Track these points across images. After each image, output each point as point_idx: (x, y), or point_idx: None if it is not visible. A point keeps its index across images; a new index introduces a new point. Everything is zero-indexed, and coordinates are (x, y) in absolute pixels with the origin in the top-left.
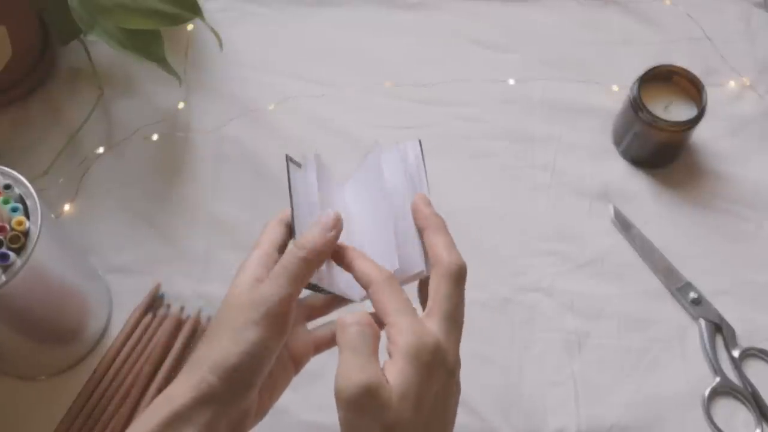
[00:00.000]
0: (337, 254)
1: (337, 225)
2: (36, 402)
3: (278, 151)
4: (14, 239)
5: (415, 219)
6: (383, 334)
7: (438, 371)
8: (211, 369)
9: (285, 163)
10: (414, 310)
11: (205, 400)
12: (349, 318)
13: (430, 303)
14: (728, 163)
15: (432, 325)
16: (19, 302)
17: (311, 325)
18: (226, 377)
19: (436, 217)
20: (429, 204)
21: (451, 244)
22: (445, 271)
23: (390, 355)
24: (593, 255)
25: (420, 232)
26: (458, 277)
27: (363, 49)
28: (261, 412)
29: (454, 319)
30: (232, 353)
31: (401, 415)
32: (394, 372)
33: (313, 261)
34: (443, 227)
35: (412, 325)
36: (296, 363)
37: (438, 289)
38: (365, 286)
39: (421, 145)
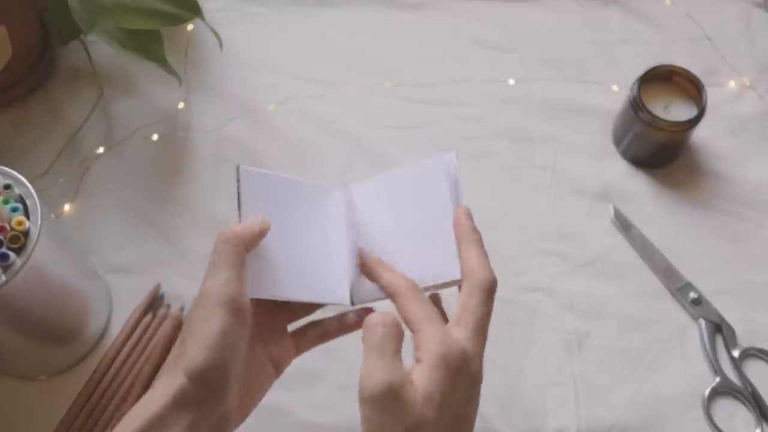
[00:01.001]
0: (363, 265)
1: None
2: (36, 402)
3: (278, 151)
4: (14, 239)
5: (455, 230)
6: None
7: (464, 378)
8: (183, 372)
9: (236, 173)
10: (440, 318)
11: (181, 404)
12: (374, 318)
13: (459, 311)
14: (728, 163)
15: (459, 334)
16: (20, 302)
17: (291, 327)
18: (197, 378)
19: (475, 231)
20: (470, 218)
21: (485, 259)
22: (477, 283)
23: (418, 360)
24: (593, 255)
25: (457, 242)
26: (489, 290)
27: (363, 49)
28: (242, 414)
29: (481, 330)
30: (198, 354)
31: (424, 416)
32: (422, 376)
33: (237, 244)
34: (480, 242)
35: (440, 333)
36: (277, 366)
37: (468, 299)
38: (392, 296)
39: (457, 158)
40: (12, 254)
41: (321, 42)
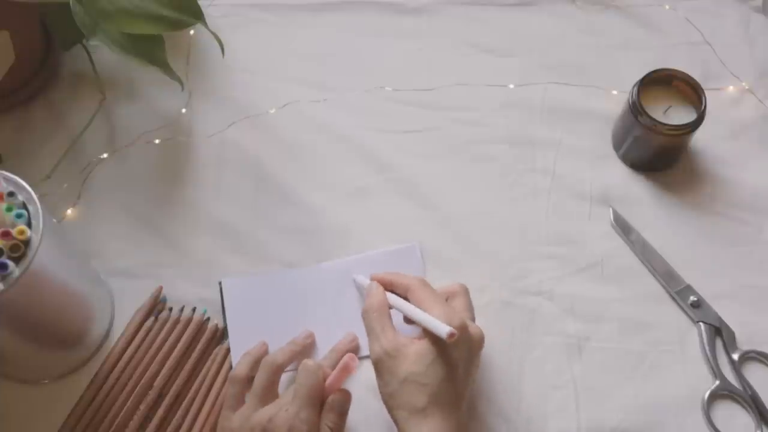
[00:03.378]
0: (377, 278)
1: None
2: (38, 406)
3: (280, 155)
4: (14, 248)
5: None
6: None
7: (462, 341)
8: None
9: (219, 287)
10: (444, 301)
11: None
12: (365, 307)
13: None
14: (728, 167)
15: (459, 307)
16: (21, 308)
17: None
18: None
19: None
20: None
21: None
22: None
23: None
24: (593, 258)
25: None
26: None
27: (364, 54)
28: None
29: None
30: None
31: (414, 370)
32: (423, 340)
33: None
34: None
35: (444, 309)
36: None
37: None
38: (407, 291)
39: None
40: (11, 264)
41: (322, 47)
